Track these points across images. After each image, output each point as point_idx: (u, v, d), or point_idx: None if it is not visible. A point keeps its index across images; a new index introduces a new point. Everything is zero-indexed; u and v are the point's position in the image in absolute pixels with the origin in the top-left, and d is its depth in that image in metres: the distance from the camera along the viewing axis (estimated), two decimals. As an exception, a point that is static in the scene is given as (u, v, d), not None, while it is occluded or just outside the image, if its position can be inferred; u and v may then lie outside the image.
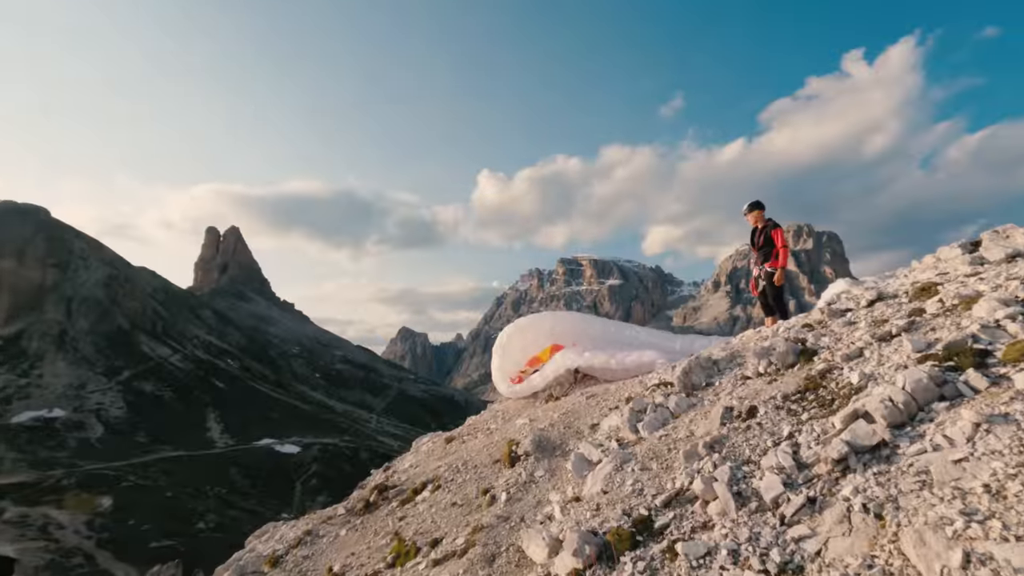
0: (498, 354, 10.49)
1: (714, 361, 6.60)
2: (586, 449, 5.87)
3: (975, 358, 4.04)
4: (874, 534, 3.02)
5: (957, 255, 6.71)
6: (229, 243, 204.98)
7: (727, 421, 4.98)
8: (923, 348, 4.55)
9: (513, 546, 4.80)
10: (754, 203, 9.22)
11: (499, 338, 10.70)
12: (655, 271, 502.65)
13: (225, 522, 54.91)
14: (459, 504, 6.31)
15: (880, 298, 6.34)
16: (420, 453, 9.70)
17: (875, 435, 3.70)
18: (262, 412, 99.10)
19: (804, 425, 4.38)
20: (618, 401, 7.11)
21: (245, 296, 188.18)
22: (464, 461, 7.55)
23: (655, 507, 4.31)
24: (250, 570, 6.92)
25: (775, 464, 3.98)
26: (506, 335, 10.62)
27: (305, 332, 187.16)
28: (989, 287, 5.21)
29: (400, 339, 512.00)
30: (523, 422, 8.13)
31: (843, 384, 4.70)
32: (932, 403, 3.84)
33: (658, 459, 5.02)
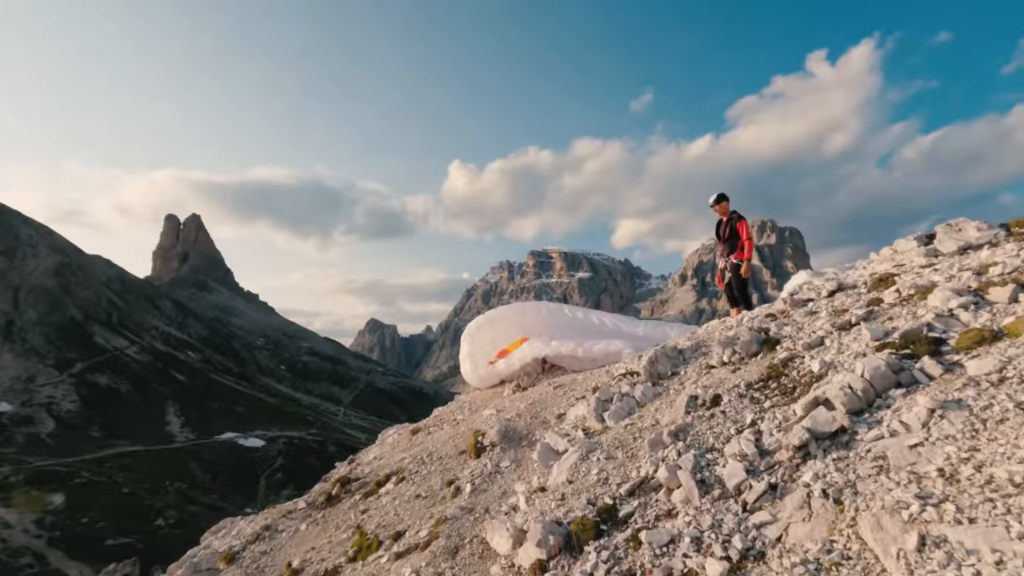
0: (467, 342, 10.38)
1: (680, 351, 6.63)
2: (552, 439, 5.82)
3: (930, 346, 4.13)
4: (833, 519, 3.04)
5: (913, 247, 6.89)
6: (190, 231, 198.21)
7: (692, 410, 4.99)
8: (881, 337, 4.64)
9: (477, 538, 4.72)
10: (721, 195, 9.39)
11: (468, 328, 10.60)
12: (624, 264, 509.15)
13: (186, 518, 53.37)
14: (423, 496, 6.20)
15: (840, 289, 6.46)
16: (385, 445, 9.53)
17: (835, 422, 3.75)
18: (225, 405, 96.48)
19: (767, 413, 4.42)
20: (585, 391, 7.09)
21: (207, 286, 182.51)
22: (429, 452, 7.42)
23: (620, 496, 4.29)
24: (205, 567, 6.67)
25: (738, 451, 4.00)
26: (475, 326, 10.53)
27: (270, 323, 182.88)
28: (943, 278, 5.36)
29: (368, 331, 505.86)
30: (490, 413, 8.05)
31: (804, 372, 4.76)
32: (889, 390, 3.91)
33: (623, 448, 5.00)
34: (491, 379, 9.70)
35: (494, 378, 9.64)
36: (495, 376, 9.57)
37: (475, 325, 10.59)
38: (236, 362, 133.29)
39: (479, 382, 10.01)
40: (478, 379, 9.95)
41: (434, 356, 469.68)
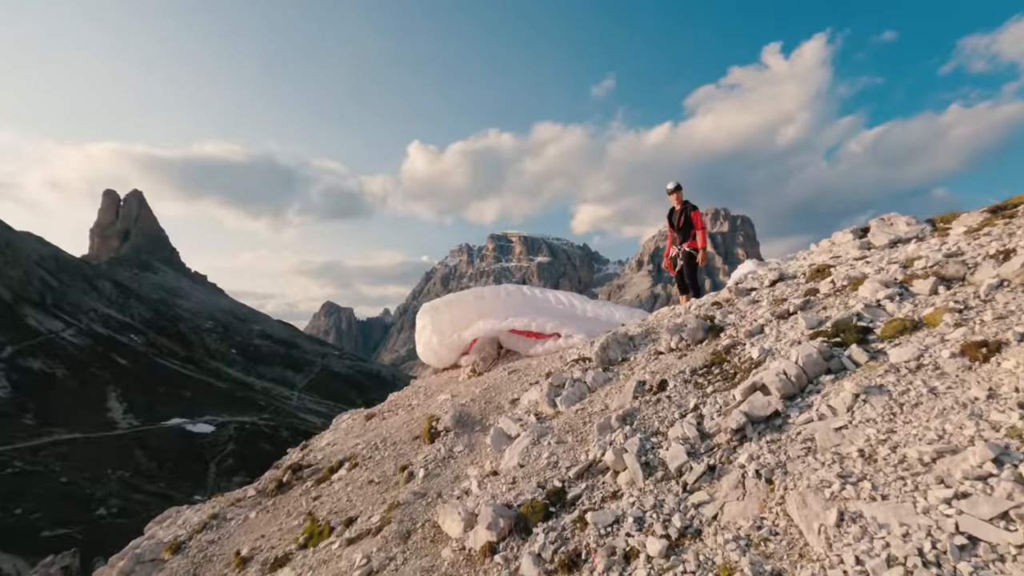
0: (426, 319, 10.32)
1: (630, 337, 6.82)
2: (505, 424, 5.92)
3: (858, 334, 4.40)
4: (764, 498, 3.24)
5: (849, 240, 7.28)
6: (131, 208, 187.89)
7: (639, 395, 5.17)
8: (815, 325, 4.91)
9: (429, 522, 4.77)
10: (678, 184, 9.57)
11: (425, 307, 10.52)
12: (583, 249, 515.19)
13: (130, 507, 51.46)
14: (376, 482, 6.20)
15: (781, 278, 6.77)
16: (339, 431, 9.44)
17: (770, 406, 3.96)
18: (171, 390, 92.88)
19: (709, 397, 4.62)
20: (539, 376, 7.21)
21: (150, 266, 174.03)
22: (383, 438, 7.41)
23: (569, 479, 4.42)
24: (148, 558, 6.48)
25: (681, 435, 4.18)
26: (432, 307, 10.49)
27: (219, 305, 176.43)
28: (873, 270, 5.69)
29: (324, 313, 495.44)
30: (445, 398, 8.08)
31: (745, 359, 5.00)
32: (820, 376, 4.16)
33: (574, 432, 5.14)
34: (452, 353, 9.77)
35: (454, 352, 9.72)
36: (456, 349, 9.65)
37: (431, 306, 10.53)
38: (183, 345, 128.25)
39: (436, 360, 10.04)
40: (435, 357, 9.97)
41: (392, 339, 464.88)
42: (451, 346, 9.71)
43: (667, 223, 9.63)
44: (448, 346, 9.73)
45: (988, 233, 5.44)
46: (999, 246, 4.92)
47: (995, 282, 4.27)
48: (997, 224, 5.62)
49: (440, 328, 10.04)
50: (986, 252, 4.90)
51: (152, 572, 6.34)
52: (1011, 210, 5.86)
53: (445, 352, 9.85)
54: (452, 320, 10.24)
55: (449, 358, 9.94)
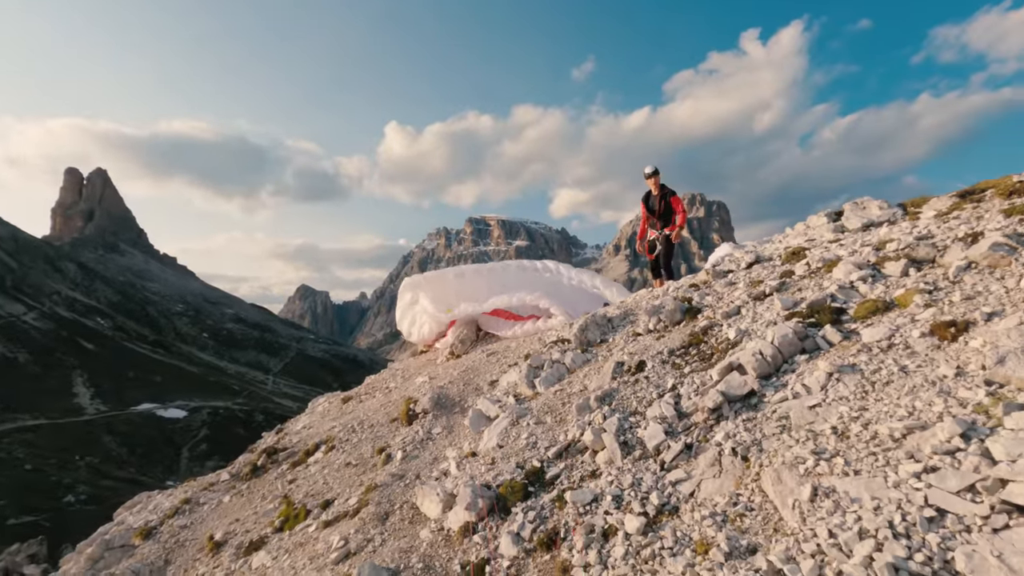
0: (407, 295, 10.28)
1: (609, 319, 6.84)
2: (484, 405, 5.90)
3: (832, 315, 4.47)
4: (740, 475, 3.29)
5: (823, 223, 7.39)
6: (95, 187, 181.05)
7: (618, 375, 5.19)
8: (791, 306, 4.97)
9: (407, 503, 4.75)
10: (656, 168, 9.53)
11: (406, 283, 10.48)
12: (561, 233, 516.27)
13: (100, 494, 50.39)
14: (353, 464, 6.14)
15: (758, 261, 6.85)
16: (315, 414, 9.32)
17: (746, 385, 4.01)
18: (141, 375, 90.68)
19: (686, 378, 4.67)
20: (517, 358, 7.20)
21: (117, 248, 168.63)
22: (360, 421, 7.34)
23: (547, 459, 4.43)
24: (118, 544, 6.33)
25: (658, 414, 4.21)
26: (413, 282, 10.46)
27: (190, 289, 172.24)
28: (847, 252, 5.79)
29: (299, 297, 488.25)
30: (423, 380, 8.03)
31: (722, 339, 5.05)
32: (795, 356, 4.22)
33: (552, 413, 5.15)
34: (437, 327, 9.79)
35: (439, 327, 9.75)
36: (440, 325, 9.69)
37: (413, 282, 10.49)
38: (152, 329, 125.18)
39: (420, 336, 10.07)
40: (419, 333, 10.01)
41: (369, 323, 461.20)
42: (437, 322, 9.72)
43: (643, 207, 9.58)
44: (434, 321, 9.74)
45: (957, 217, 5.57)
46: (967, 229, 5.03)
47: (963, 264, 4.37)
48: (966, 208, 5.75)
49: (424, 303, 10.04)
50: (955, 235, 5.01)
51: (122, 558, 6.20)
52: (979, 195, 6.00)
53: (428, 328, 9.86)
54: (434, 297, 10.20)
55: (432, 334, 9.95)
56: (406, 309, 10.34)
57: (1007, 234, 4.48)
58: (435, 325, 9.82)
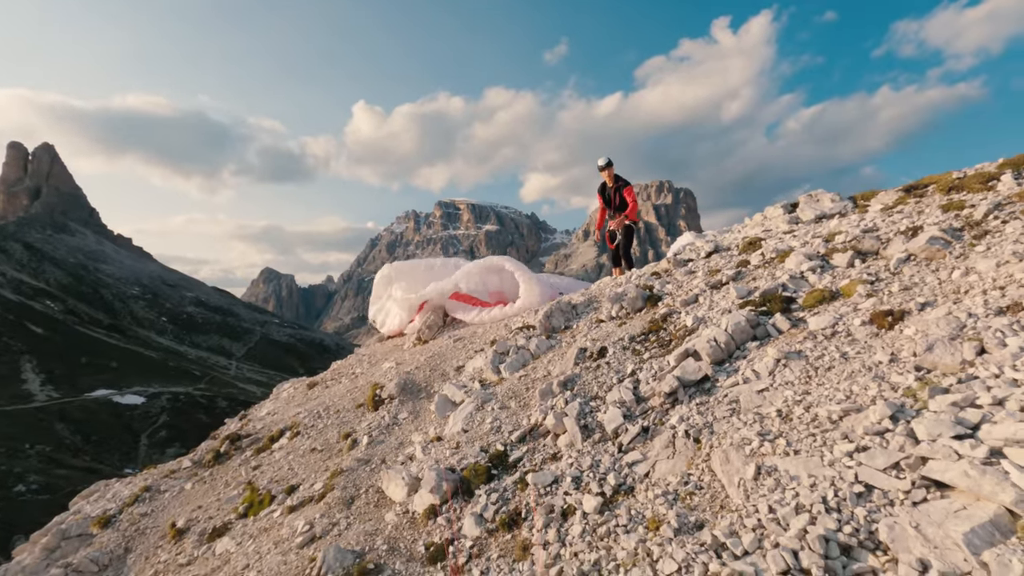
0: (383, 284, 10.30)
1: (573, 306, 6.98)
2: (450, 391, 5.98)
3: (782, 304, 4.70)
4: (692, 455, 3.47)
5: (779, 214, 7.67)
6: (42, 163, 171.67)
7: (580, 361, 5.34)
8: (745, 295, 5.19)
9: (373, 487, 4.81)
10: (610, 160, 9.63)
11: (381, 273, 10.48)
12: (531, 218, 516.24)
13: (53, 483, 48.68)
14: (319, 450, 6.15)
15: (716, 250, 7.08)
16: (280, 400, 9.24)
17: (700, 371, 4.20)
18: (95, 360, 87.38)
19: (645, 363, 4.84)
20: (483, 344, 7.29)
21: (66, 227, 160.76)
22: (326, 406, 7.33)
23: (511, 442, 4.55)
24: (75, 533, 6.21)
25: (618, 399, 4.37)
26: (387, 273, 10.46)
27: (147, 271, 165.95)
28: (799, 243, 6.04)
29: (263, 280, 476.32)
30: (390, 365, 8.05)
31: (680, 326, 5.24)
32: (747, 342, 4.43)
33: (516, 398, 5.27)
34: (408, 314, 9.82)
35: (408, 313, 9.78)
36: (410, 311, 9.73)
37: (386, 271, 10.50)
38: (107, 313, 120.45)
39: (393, 323, 10.09)
40: (395, 319, 10.03)
41: (336, 307, 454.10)
42: (407, 307, 9.75)
43: (599, 198, 9.74)
44: (404, 307, 9.77)
45: (901, 211, 5.87)
46: (909, 223, 5.33)
47: (903, 256, 4.64)
48: (909, 202, 6.07)
49: (396, 291, 10.05)
50: (897, 228, 5.30)
51: (79, 547, 6.09)
52: (922, 189, 6.33)
53: (398, 319, 9.89)
54: (406, 285, 10.23)
55: (402, 324, 9.98)
56: (380, 298, 10.33)
57: (943, 228, 4.77)
58: (404, 313, 9.84)
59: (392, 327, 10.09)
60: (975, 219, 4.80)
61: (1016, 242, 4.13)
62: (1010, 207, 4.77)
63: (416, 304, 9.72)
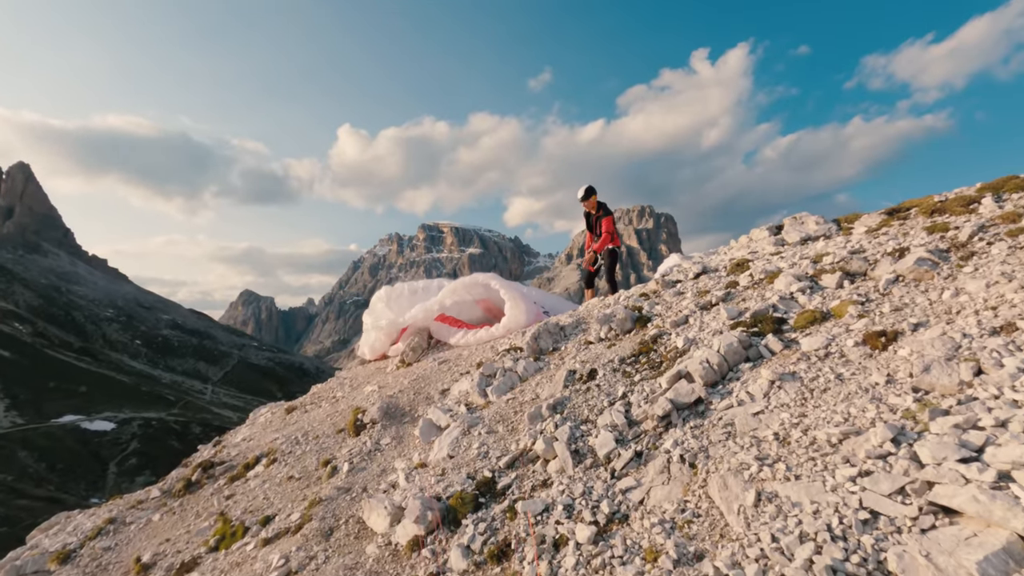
0: (379, 306, 10.09)
1: (561, 327, 6.88)
2: (435, 415, 5.79)
3: (774, 325, 4.65)
4: (688, 481, 3.34)
5: (765, 236, 7.71)
6: (15, 183, 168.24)
7: (570, 383, 5.21)
8: (736, 316, 5.14)
9: (353, 517, 4.58)
10: (590, 189, 9.70)
11: (377, 302, 10.27)
12: (514, 242, 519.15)
13: (13, 515, 46.41)
14: (296, 477, 5.88)
15: (704, 272, 7.06)
16: (256, 425, 8.90)
17: (693, 393, 4.10)
18: (63, 384, 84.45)
19: (636, 386, 4.73)
20: (469, 366, 7.13)
21: (39, 248, 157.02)
22: (305, 432, 7.06)
23: (499, 469, 4.38)
24: (30, 570, 5.79)
25: (609, 422, 4.24)
26: (378, 300, 10.27)
27: (122, 293, 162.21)
28: (787, 264, 6.05)
29: (242, 303, 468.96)
30: (372, 389, 7.82)
31: (671, 348, 5.15)
32: (740, 364, 4.35)
33: (504, 422, 5.11)
34: (391, 336, 9.62)
35: (392, 334, 9.57)
36: (392, 334, 9.52)
37: (377, 300, 10.30)
38: (78, 336, 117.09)
39: (376, 348, 9.86)
40: (379, 345, 9.80)
41: (316, 330, 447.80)
42: (391, 329, 9.54)
43: (585, 223, 10.02)
44: (387, 331, 9.55)
45: (886, 233, 5.93)
46: (895, 244, 5.36)
47: (892, 277, 4.64)
48: (893, 225, 6.13)
49: (383, 311, 9.86)
50: (884, 250, 5.32)
51: (35, 585, 5.69)
52: (905, 212, 6.41)
53: (380, 342, 9.68)
54: (395, 309, 10.05)
55: (384, 347, 9.77)
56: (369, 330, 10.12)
57: (930, 250, 4.79)
58: (386, 337, 9.62)
59: (376, 351, 9.86)
60: (960, 240, 4.84)
61: (1004, 263, 4.15)
62: (994, 229, 4.83)
63: (400, 328, 9.54)
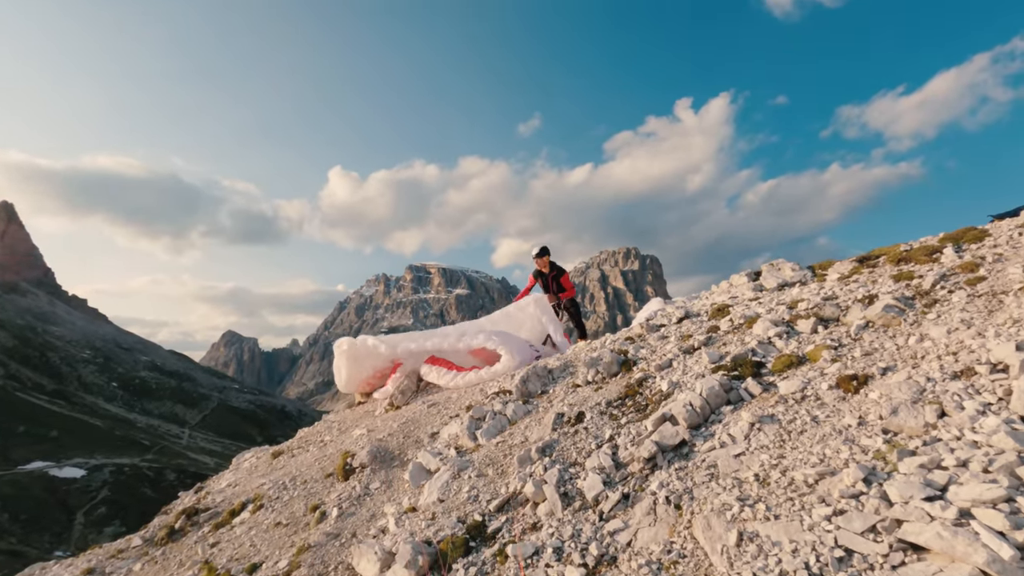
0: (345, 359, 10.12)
1: (550, 370, 7.02)
2: (425, 458, 5.83)
3: (753, 369, 4.85)
4: (673, 522, 3.45)
5: (744, 282, 8.02)
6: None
7: (558, 426, 5.32)
8: (717, 360, 5.34)
9: (343, 564, 4.56)
10: (545, 248, 10.62)
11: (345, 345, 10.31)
12: (501, 283, 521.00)
13: (-30, 569, 43.88)
14: (284, 524, 5.83)
15: (687, 316, 7.30)
16: (241, 470, 8.78)
17: (678, 435, 4.24)
18: (33, 429, 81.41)
19: (623, 428, 4.86)
20: (459, 409, 7.19)
21: (17, 288, 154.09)
22: (292, 476, 7.00)
23: (489, 512, 4.43)
24: (3, 625, 5.60)
25: (597, 465, 4.35)
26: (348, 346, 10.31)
27: (101, 334, 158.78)
28: (765, 310, 6.31)
29: (225, 343, 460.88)
30: (360, 432, 7.81)
31: (655, 391, 5.32)
32: (721, 407, 4.52)
33: (494, 465, 5.17)
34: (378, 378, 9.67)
35: (381, 365, 9.67)
36: (381, 372, 9.60)
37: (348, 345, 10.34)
38: (52, 378, 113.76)
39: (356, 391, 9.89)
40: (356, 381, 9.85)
41: (300, 372, 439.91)
42: (386, 360, 9.67)
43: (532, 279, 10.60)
44: (385, 360, 9.68)
45: (856, 280, 6.24)
46: (865, 292, 5.66)
47: (862, 323, 4.90)
48: (863, 272, 6.46)
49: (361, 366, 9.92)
50: (855, 296, 5.61)
51: (6, 641, 5.48)
52: (874, 260, 6.76)
53: (363, 374, 9.79)
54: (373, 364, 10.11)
55: (369, 375, 9.86)
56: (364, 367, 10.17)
57: (896, 297, 5.08)
58: (375, 362, 9.72)
59: (363, 377, 9.90)
60: (924, 288, 5.14)
61: (963, 310, 4.43)
62: (954, 278, 5.15)
63: (390, 363, 9.63)
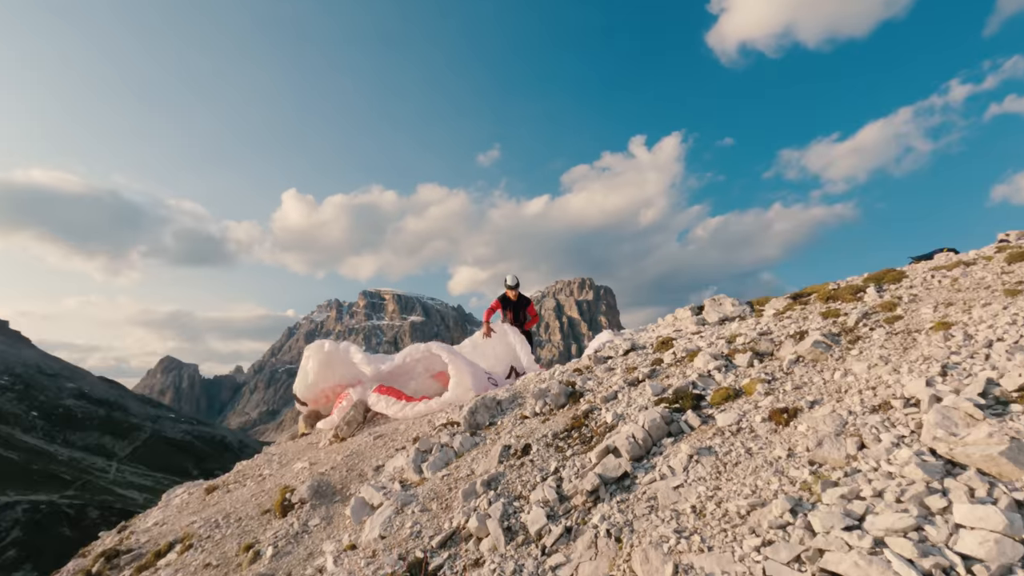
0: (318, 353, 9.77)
1: (498, 401, 7.01)
2: (368, 493, 5.67)
3: (693, 401, 5.01)
4: (614, 555, 3.48)
5: (688, 316, 8.31)
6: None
7: (505, 459, 5.30)
8: (660, 392, 5.49)
9: (275, 607, 4.34)
10: (519, 282, 11.33)
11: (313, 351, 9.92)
12: (457, 310, 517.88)
13: None
14: (214, 565, 5.50)
15: (633, 348, 7.49)
16: (171, 508, 8.25)
17: (620, 467, 4.31)
18: (-64, 464, 73.94)
19: (568, 460, 4.89)
20: (406, 441, 7.06)
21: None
22: (227, 514, 6.64)
23: (431, 548, 4.34)
24: None
25: (541, 498, 4.35)
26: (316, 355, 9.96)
27: (21, 358, 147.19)
28: (706, 344, 6.56)
29: (162, 370, 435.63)
30: (302, 466, 7.52)
31: (601, 423, 5.40)
32: (663, 439, 4.64)
33: (439, 499, 5.09)
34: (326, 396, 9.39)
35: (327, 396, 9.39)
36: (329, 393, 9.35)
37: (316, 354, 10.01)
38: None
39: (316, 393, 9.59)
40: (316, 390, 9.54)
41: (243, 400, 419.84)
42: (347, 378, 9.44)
43: (497, 303, 11.01)
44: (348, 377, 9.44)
45: (790, 316, 6.59)
46: (796, 328, 5.98)
47: (793, 358, 5.17)
48: (796, 309, 6.83)
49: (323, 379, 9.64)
50: (787, 332, 5.92)
51: None
52: (806, 298, 7.16)
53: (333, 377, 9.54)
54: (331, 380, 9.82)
55: (330, 395, 9.57)
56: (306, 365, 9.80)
57: (824, 333, 5.40)
58: (345, 371, 9.49)
59: (326, 388, 9.61)
60: (849, 326, 5.49)
61: (882, 347, 4.75)
62: (875, 316, 5.52)
63: (356, 380, 9.44)
